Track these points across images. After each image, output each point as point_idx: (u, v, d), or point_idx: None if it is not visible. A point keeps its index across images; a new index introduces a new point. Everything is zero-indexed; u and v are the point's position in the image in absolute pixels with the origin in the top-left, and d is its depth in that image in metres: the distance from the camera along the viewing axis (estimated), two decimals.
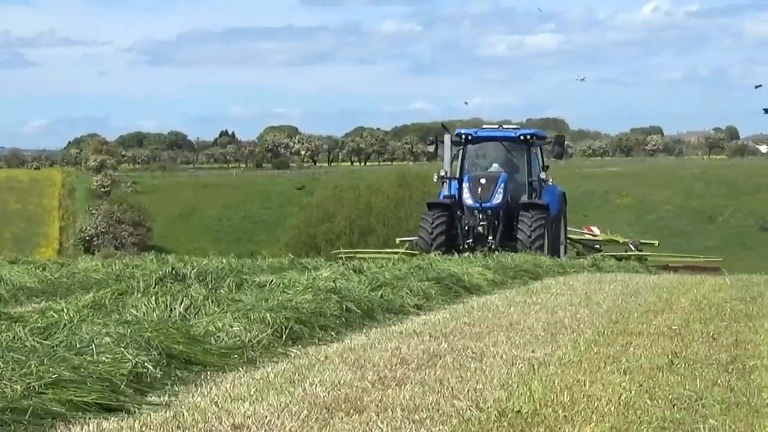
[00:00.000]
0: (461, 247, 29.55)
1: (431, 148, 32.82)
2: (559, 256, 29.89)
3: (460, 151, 31.83)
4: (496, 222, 30.17)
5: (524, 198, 31.06)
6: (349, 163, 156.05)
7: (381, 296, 13.60)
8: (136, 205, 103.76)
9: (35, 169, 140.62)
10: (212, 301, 11.28)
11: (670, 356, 9.61)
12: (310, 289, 12.54)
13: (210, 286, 12.75)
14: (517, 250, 28.33)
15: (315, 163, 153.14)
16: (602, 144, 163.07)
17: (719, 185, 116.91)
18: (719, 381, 8.53)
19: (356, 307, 12.41)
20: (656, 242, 41.05)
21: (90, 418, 7.08)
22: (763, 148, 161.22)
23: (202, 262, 20.11)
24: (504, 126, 33.01)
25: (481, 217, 30.08)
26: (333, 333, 11.26)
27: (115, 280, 16.37)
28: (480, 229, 30.02)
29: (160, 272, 14.67)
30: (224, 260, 21.61)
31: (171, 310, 10.91)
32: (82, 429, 6.80)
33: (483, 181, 30.21)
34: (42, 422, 6.89)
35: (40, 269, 17.80)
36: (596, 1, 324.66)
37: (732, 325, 12.02)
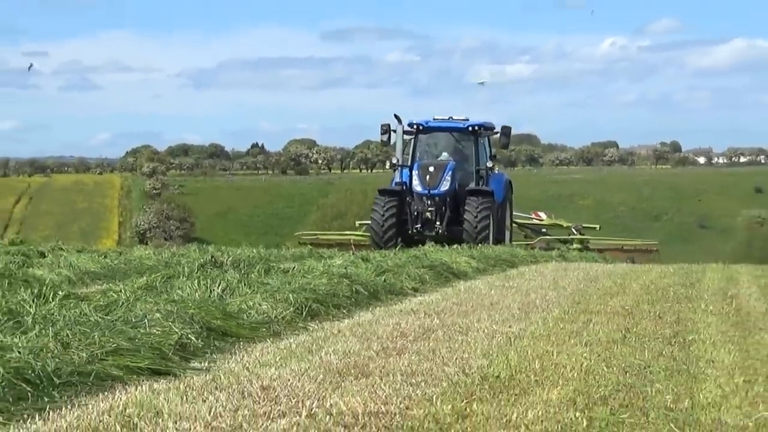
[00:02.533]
0: (410, 232, 27.20)
1: (384, 137, 28.72)
2: (504, 241, 27.77)
3: (412, 141, 28.73)
4: (443, 208, 27.24)
5: (472, 185, 28.05)
6: (358, 171, 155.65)
7: (384, 280, 13.57)
8: (182, 205, 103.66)
9: (99, 174, 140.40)
10: (244, 284, 11.26)
11: (623, 331, 9.59)
12: (325, 275, 12.52)
13: (243, 272, 12.71)
14: (463, 234, 26.35)
15: (330, 171, 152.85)
16: (568, 155, 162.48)
17: (665, 190, 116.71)
18: (664, 352, 8.51)
19: (364, 289, 12.38)
20: (597, 226, 37.62)
21: (143, 380, 7.08)
22: (701, 159, 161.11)
23: (236, 252, 20.01)
24: (454, 117, 29.23)
25: (429, 203, 27.19)
26: (344, 311, 11.23)
27: (164, 266, 16.30)
28: (428, 214, 27.14)
29: (202, 260, 14.67)
30: (255, 250, 21.53)
31: (210, 291, 10.89)
32: (136, 389, 6.80)
33: (432, 169, 27.28)
34: (103, 384, 6.89)
35: (102, 257, 17.77)
36: (565, 37, 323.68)
37: (675, 306, 12.00)
